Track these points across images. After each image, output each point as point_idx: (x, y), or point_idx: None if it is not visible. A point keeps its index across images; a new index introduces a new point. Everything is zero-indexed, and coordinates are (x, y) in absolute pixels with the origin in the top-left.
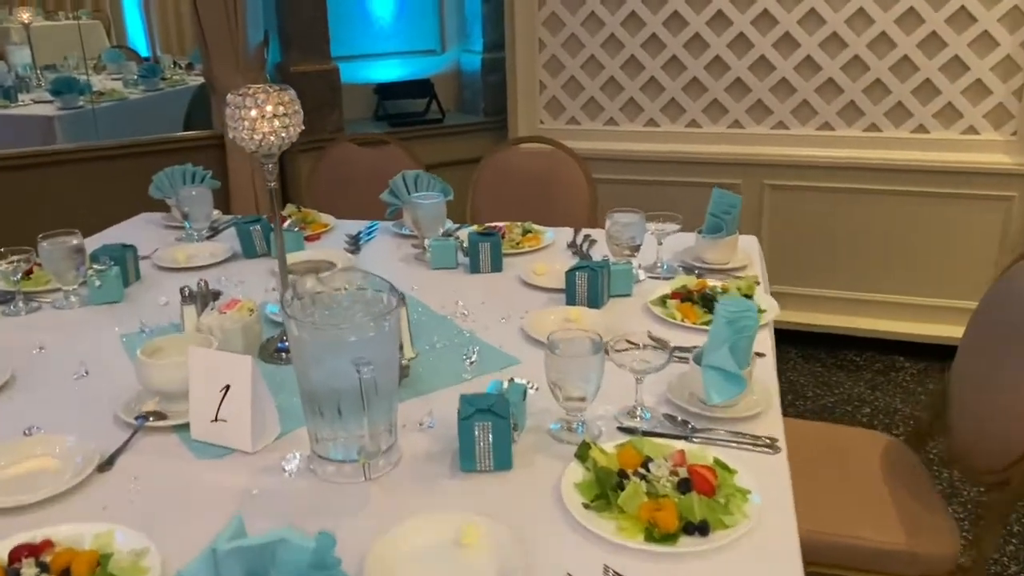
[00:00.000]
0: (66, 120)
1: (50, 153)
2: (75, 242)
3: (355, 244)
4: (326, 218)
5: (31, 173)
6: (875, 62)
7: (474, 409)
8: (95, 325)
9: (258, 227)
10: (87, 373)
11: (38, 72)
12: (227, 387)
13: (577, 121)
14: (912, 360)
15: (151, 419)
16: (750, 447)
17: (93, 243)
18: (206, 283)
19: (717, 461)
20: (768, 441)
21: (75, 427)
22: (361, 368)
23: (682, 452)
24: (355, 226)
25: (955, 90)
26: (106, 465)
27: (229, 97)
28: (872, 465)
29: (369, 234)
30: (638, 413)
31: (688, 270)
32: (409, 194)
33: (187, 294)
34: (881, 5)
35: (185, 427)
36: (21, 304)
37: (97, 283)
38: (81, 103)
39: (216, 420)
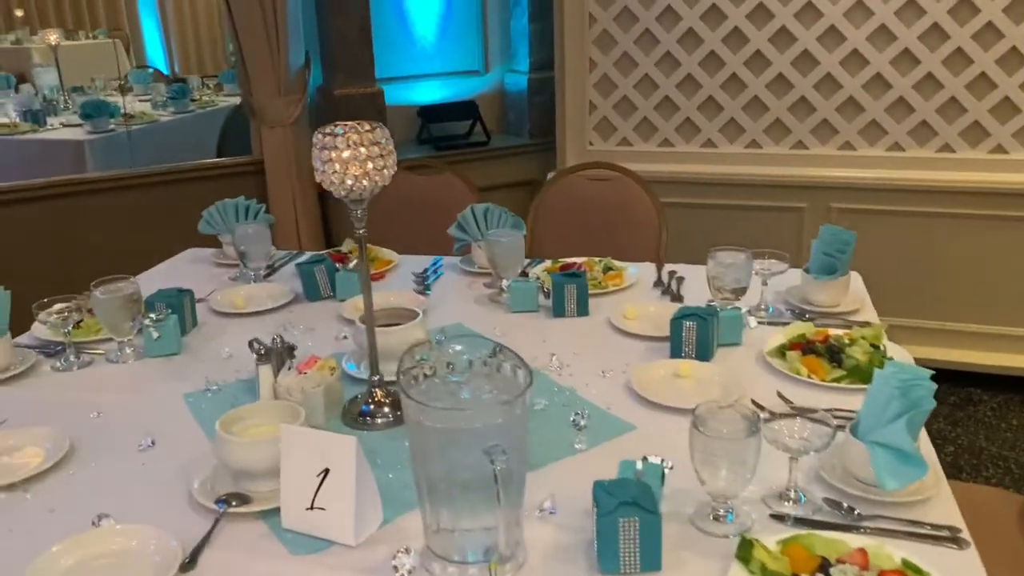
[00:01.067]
0: (96, 145)
1: (82, 182)
2: (131, 290)
3: (423, 284)
4: (388, 253)
5: (62, 203)
6: (950, 80)
7: (617, 502)
8: (155, 383)
9: (322, 268)
10: (153, 444)
11: (65, 94)
12: (326, 471)
13: (629, 142)
14: (990, 393)
15: (234, 504)
16: (931, 540)
17: (142, 284)
18: (281, 339)
19: (907, 564)
20: (950, 532)
21: (147, 512)
22: (496, 458)
23: (863, 552)
24: (418, 262)
25: None
26: (188, 565)
27: (317, 137)
28: (1014, 536)
29: (435, 272)
30: (792, 496)
31: (798, 314)
32: (479, 228)
33: (262, 352)
34: (957, 20)
35: (273, 512)
36: (72, 358)
37: (155, 335)
38: (112, 126)
39: (312, 508)
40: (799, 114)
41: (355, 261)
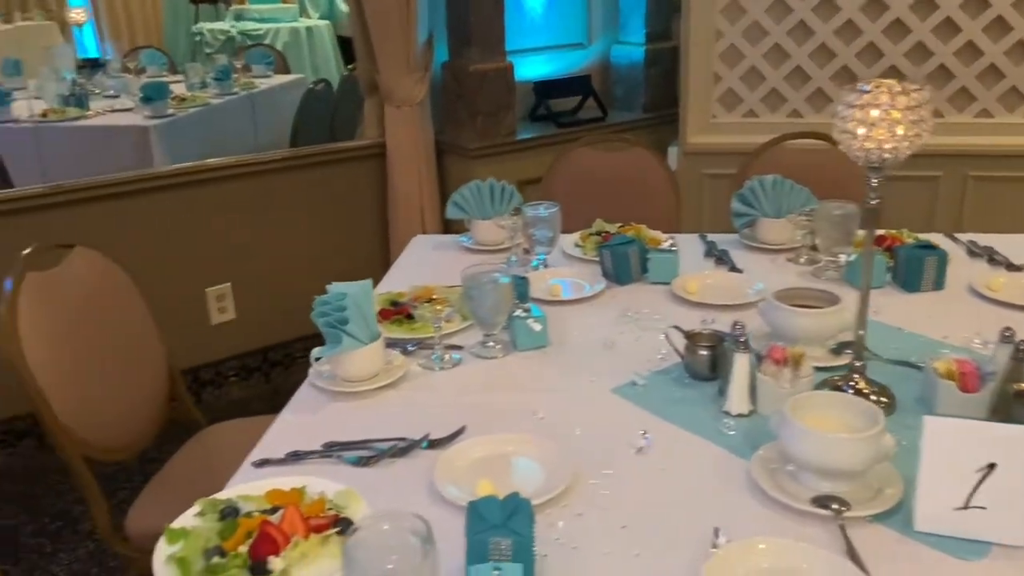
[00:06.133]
0: (162, 130)
1: (205, 169)
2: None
3: (725, 261)
4: (656, 233)
5: (185, 193)
6: None
7: None
8: (560, 378)
9: (635, 249)
10: (650, 442)
11: (84, 77)
12: (990, 466)
13: (755, 113)
14: None
15: (838, 507)
16: None
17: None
18: (743, 325)
19: None
20: None
21: (750, 522)
22: None
23: None
24: (688, 241)
25: None
26: None
27: (848, 95)
28: None
29: (717, 249)
30: None
31: None
32: (766, 202)
33: (741, 340)
34: None
35: (885, 515)
36: (445, 356)
37: (537, 327)
38: (172, 111)
39: (966, 507)
40: (937, 82)
41: (668, 241)
